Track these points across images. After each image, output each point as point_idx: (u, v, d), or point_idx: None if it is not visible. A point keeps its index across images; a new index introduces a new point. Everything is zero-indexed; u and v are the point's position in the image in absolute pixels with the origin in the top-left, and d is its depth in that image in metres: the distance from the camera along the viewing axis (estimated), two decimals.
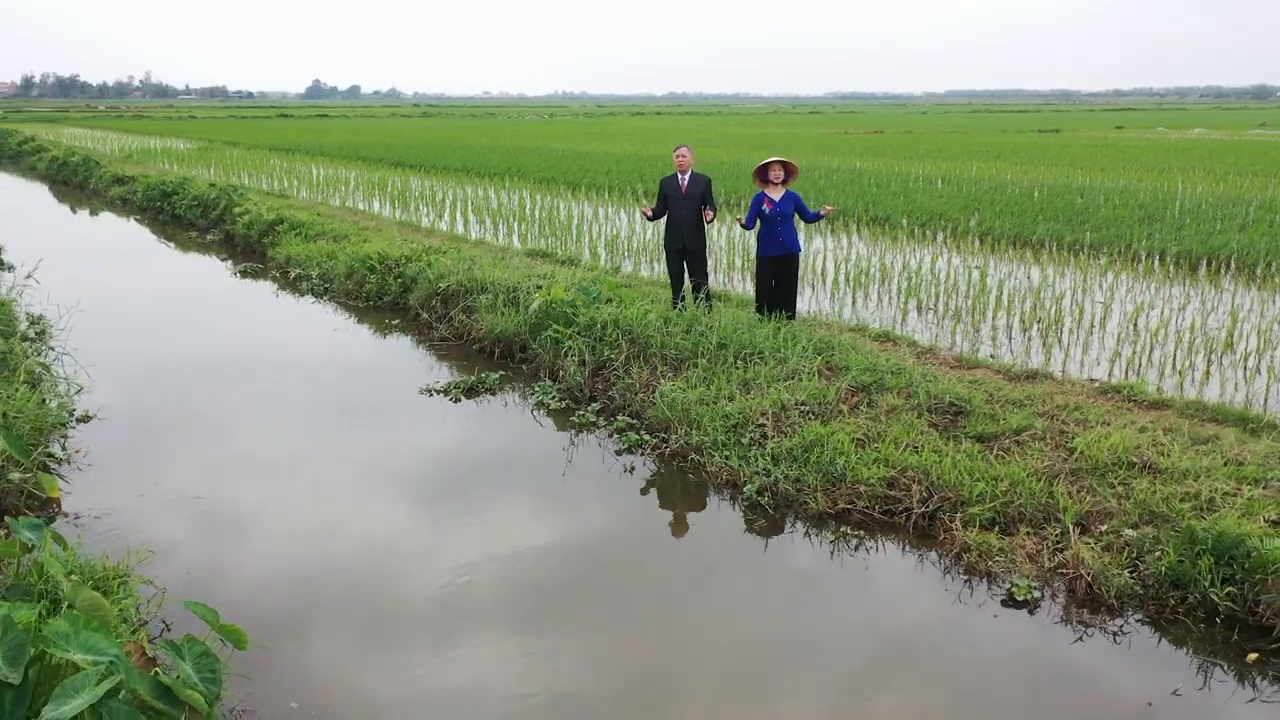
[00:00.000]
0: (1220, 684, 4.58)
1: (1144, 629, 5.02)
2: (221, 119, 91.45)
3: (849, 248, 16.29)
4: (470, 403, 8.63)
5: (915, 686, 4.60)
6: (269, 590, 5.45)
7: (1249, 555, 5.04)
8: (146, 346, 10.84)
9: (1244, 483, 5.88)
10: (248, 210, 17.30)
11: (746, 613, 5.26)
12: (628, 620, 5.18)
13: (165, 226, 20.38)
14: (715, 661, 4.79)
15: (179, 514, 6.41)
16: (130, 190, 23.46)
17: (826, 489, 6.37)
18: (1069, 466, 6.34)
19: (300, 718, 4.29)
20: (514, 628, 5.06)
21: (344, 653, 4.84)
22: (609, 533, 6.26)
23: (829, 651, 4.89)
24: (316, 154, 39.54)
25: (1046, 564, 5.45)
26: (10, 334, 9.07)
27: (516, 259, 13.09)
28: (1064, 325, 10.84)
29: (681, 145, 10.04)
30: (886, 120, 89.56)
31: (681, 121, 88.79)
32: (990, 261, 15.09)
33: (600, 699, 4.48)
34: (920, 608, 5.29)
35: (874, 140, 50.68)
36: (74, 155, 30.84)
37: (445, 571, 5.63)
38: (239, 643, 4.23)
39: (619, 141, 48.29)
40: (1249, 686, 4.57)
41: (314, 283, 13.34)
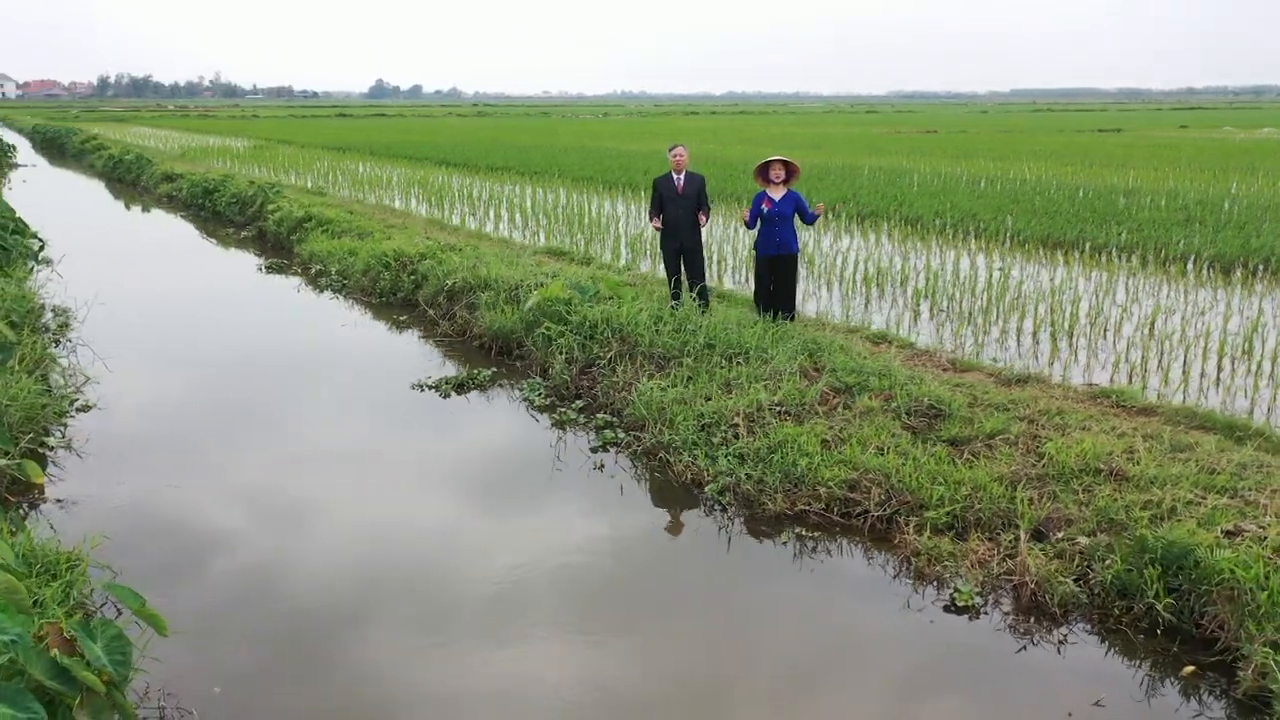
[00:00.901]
0: (1149, 697, 4.47)
1: (1083, 639, 4.91)
2: (283, 118, 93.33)
3: (875, 247, 16.12)
4: (459, 398, 8.72)
5: (832, 691, 4.56)
6: (217, 579, 5.58)
7: (1196, 566, 4.90)
8: (162, 338, 11.14)
9: (1211, 492, 5.71)
10: (280, 207, 17.67)
11: (673, 613, 5.24)
12: (544, 617, 5.19)
13: (206, 223, 20.89)
14: (625, 659, 4.79)
15: (153, 503, 6.59)
16: (176, 188, 24.10)
17: (787, 490, 6.33)
18: (1035, 472, 6.22)
19: (223, 702, 4.39)
20: (426, 617, 5.11)
21: (280, 640, 4.94)
22: (555, 528, 6.28)
23: (750, 655, 4.86)
24: (365, 153, 40.18)
25: (995, 570, 5.36)
26: (21, 324, 9.37)
27: (528, 257, 13.18)
28: (1076, 329, 10.61)
29: (677, 144, 10.04)
30: (944, 119, 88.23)
31: (733, 120, 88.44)
32: (1017, 263, 14.82)
33: (512, 693, 4.52)
34: (858, 611, 5.24)
35: (925, 140, 49.99)
36: (128, 154, 31.74)
37: (369, 562, 5.72)
38: (160, 628, 4.34)
39: (665, 141, 48.21)
40: (1178, 700, 4.44)
41: (332, 278, 13.59)
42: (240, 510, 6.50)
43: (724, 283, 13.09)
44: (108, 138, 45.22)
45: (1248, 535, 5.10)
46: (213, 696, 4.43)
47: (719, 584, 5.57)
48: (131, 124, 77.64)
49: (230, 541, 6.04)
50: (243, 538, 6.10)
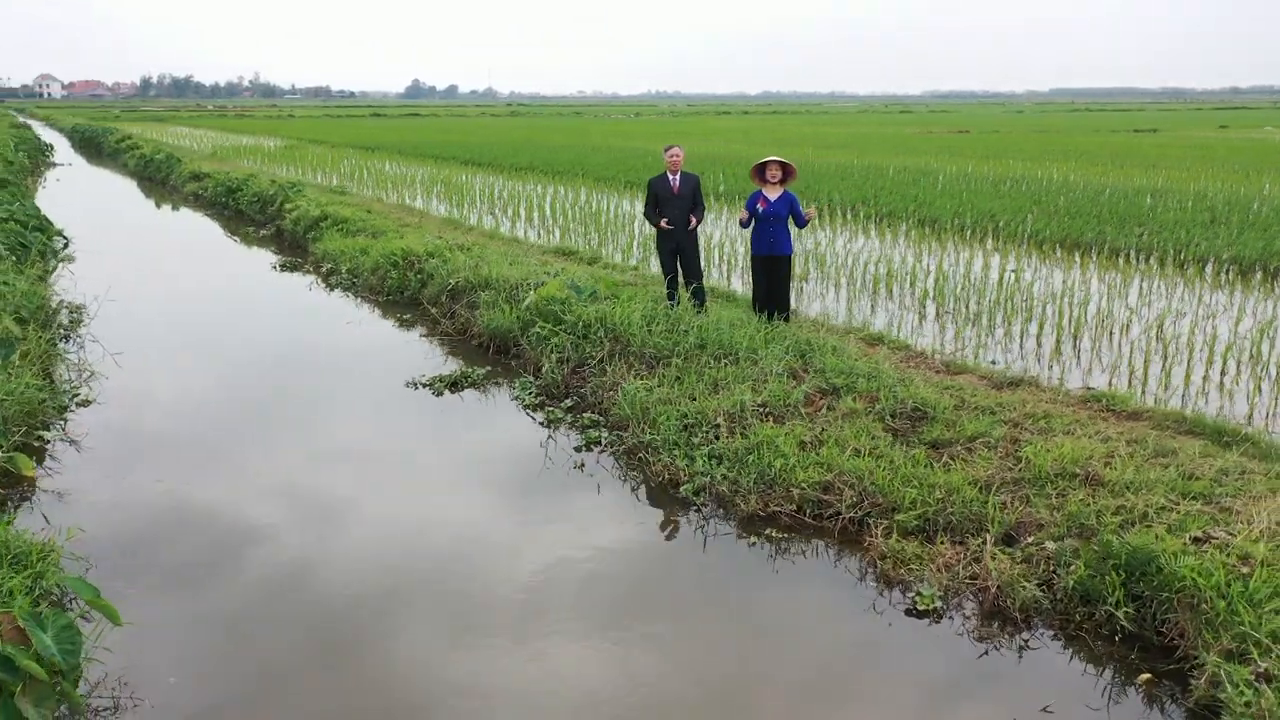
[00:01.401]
0: (1102, 705, 4.41)
1: (1043, 644, 4.86)
2: (318, 118, 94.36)
3: (889, 248, 16.03)
4: (452, 397, 8.79)
5: (777, 694, 4.55)
6: (195, 570, 5.67)
7: (1159, 572, 4.83)
8: (171, 335, 11.32)
9: (1186, 498, 5.63)
10: (297, 206, 17.88)
11: (627, 613, 5.24)
12: (486, 613, 5.21)
13: (230, 221, 21.19)
14: (577, 655, 4.81)
15: (143, 496, 6.71)
16: (203, 186, 24.45)
17: (761, 491, 6.32)
18: (1011, 476, 6.16)
19: (176, 692, 4.46)
20: (382, 607, 5.17)
21: (238, 633, 5.02)
22: (522, 525, 6.32)
23: (697, 657, 4.86)
24: (394, 152, 40.52)
25: (961, 574, 5.32)
26: (30, 320, 9.57)
27: (534, 256, 13.25)
28: (1082, 331, 10.49)
29: (673, 145, 10.04)
30: (978, 119, 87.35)
31: (765, 121, 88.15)
32: (1031, 264, 14.67)
33: (460, 684, 4.55)
34: (819, 614, 5.22)
35: (955, 140, 49.54)
36: (159, 153, 32.26)
37: (332, 553, 5.79)
38: (113, 618, 4.45)
39: (691, 140, 48.22)
40: (1132, 708, 4.39)
41: (343, 277, 13.74)
42: (224, 504, 6.59)
43: (731, 283, 13.06)
44: (142, 137, 45.97)
45: (1215, 542, 5.02)
46: (168, 687, 4.50)
47: (681, 585, 5.57)
48: (170, 123, 78.86)
49: (211, 534, 6.13)
50: (224, 530, 6.18)
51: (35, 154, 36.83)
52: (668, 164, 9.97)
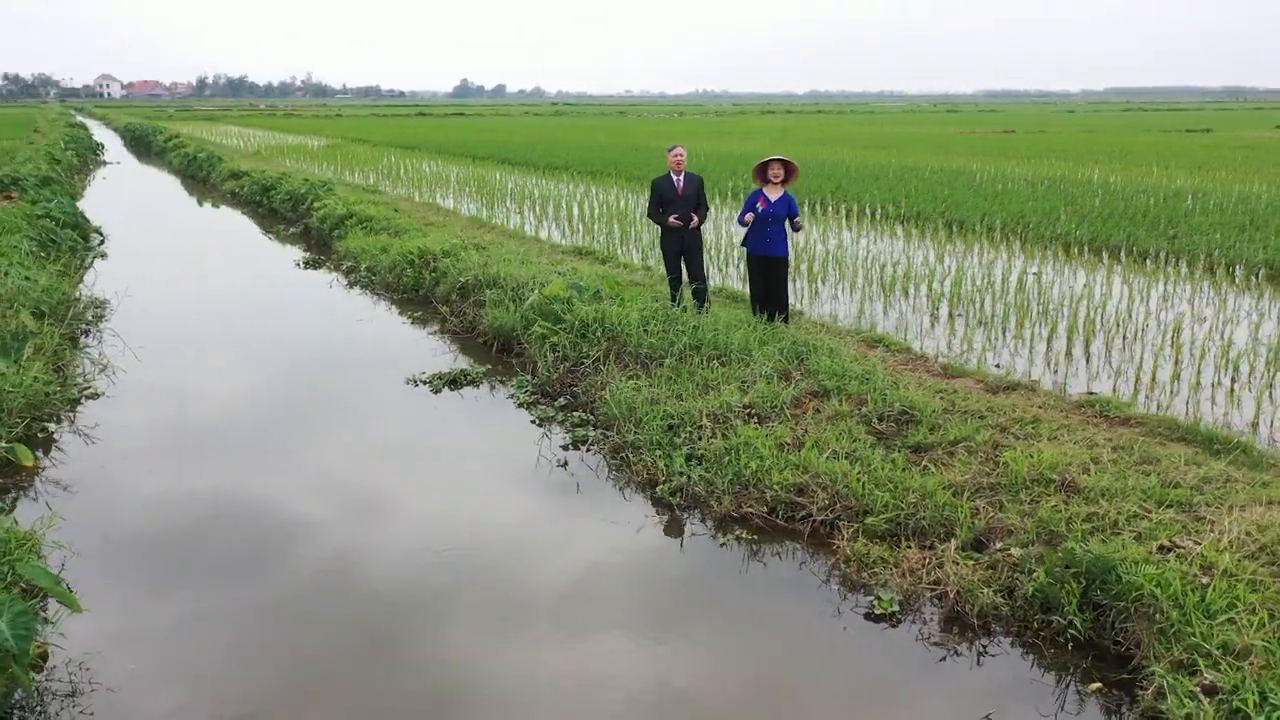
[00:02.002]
0: (1049, 712, 4.36)
1: (999, 651, 4.81)
2: (364, 117, 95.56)
3: (912, 250, 15.89)
4: (450, 394, 8.89)
5: (720, 695, 4.55)
6: (161, 561, 5.81)
7: (1118, 581, 4.76)
8: (188, 330, 11.57)
9: (1162, 506, 5.53)
10: (325, 205, 18.16)
11: (585, 611, 5.27)
12: (440, 604, 5.28)
13: (264, 219, 21.56)
14: (525, 651, 4.85)
15: (130, 488, 6.88)
16: (240, 185, 24.91)
17: (735, 492, 6.32)
18: (988, 481, 6.10)
19: (134, 680, 4.58)
20: (339, 595, 5.25)
21: (204, 619, 5.14)
22: (495, 521, 6.38)
23: (646, 657, 4.87)
24: (432, 151, 40.94)
25: (925, 579, 5.28)
26: (49, 314, 9.84)
27: (546, 256, 13.33)
28: (1094, 335, 10.33)
29: (677, 145, 10.03)
30: (1026, 119, 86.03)
31: (807, 120, 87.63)
32: (1056, 267, 14.47)
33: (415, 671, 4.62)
34: (775, 616, 5.21)
35: (998, 140, 48.86)
36: (201, 152, 32.91)
37: (298, 544, 5.89)
38: (72, 606, 4.58)
39: (730, 140, 48.15)
40: (1077, 717, 4.33)
41: (361, 274, 13.94)
42: (213, 495, 6.73)
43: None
44: (190, 136, 46.93)
45: (1181, 551, 4.93)
46: (126, 672, 4.63)
47: (641, 585, 5.58)
48: (221, 123, 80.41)
49: (195, 524, 6.27)
50: (208, 521, 6.31)
51: (85, 153, 37.75)
52: (671, 164, 9.97)
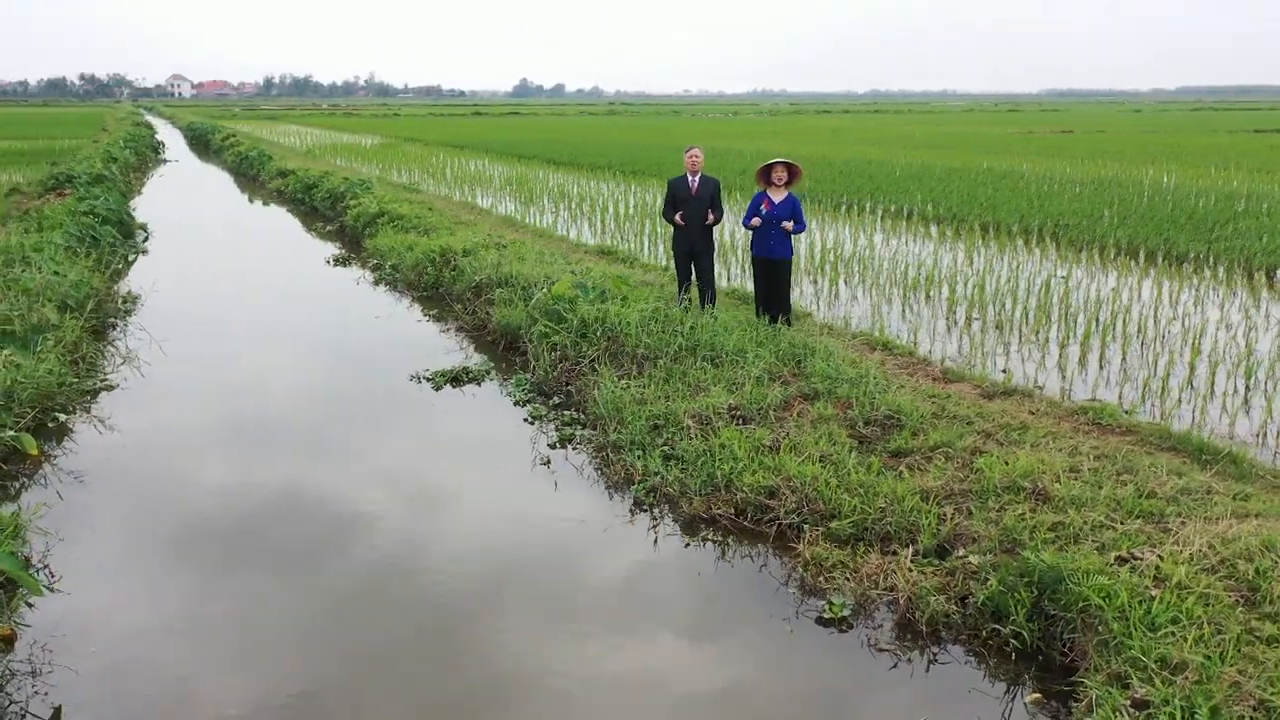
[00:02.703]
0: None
1: (948, 659, 4.76)
2: (421, 116, 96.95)
3: (942, 251, 15.70)
4: (451, 391, 9.02)
5: (661, 696, 4.58)
6: (138, 547, 6.00)
7: (1068, 591, 4.69)
8: (209, 325, 11.87)
9: (1132, 516, 5.43)
10: (359, 203, 18.48)
11: (540, 608, 5.33)
12: (420, 607, 5.37)
13: (306, 216, 21.99)
14: (452, 649, 4.92)
15: (129, 476, 7.11)
16: (286, 183, 25.45)
17: (707, 494, 6.33)
18: (960, 487, 6.03)
19: (95, 660, 4.75)
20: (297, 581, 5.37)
21: (167, 599, 5.30)
22: (461, 515, 6.48)
23: (593, 656, 4.91)
24: (481, 150, 41.37)
25: (881, 584, 5.25)
26: (74, 308, 10.18)
27: (571, 255, 13.42)
28: (1109, 340, 10.12)
29: (693, 146, 10.05)
30: (1088, 119, 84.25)
31: (861, 120, 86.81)
32: (1089, 270, 14.19)
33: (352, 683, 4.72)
34: (728, 618, 5.21)
35: (1054, 141, 47.92)
36: (253, 151, 33.66)
37: (270, 531, 6.03)
38: (34, 589, 4.76)
39: (779, 140, 47.89)
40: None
41: (386, 272, 14.17)
42: (204, 482, 6.92)
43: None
44: (245, 134, 48.03)
45: (1137, 563, 4.84)
46: (88, 653, 4.80)
47: (599, 584, 5.61)
48: (282, 122, 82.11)
49: (186, 511, 6.45)
50: (193, 507, 6.49)
51: (145, 151, 38.81)
52: (687, 165, 10.00)
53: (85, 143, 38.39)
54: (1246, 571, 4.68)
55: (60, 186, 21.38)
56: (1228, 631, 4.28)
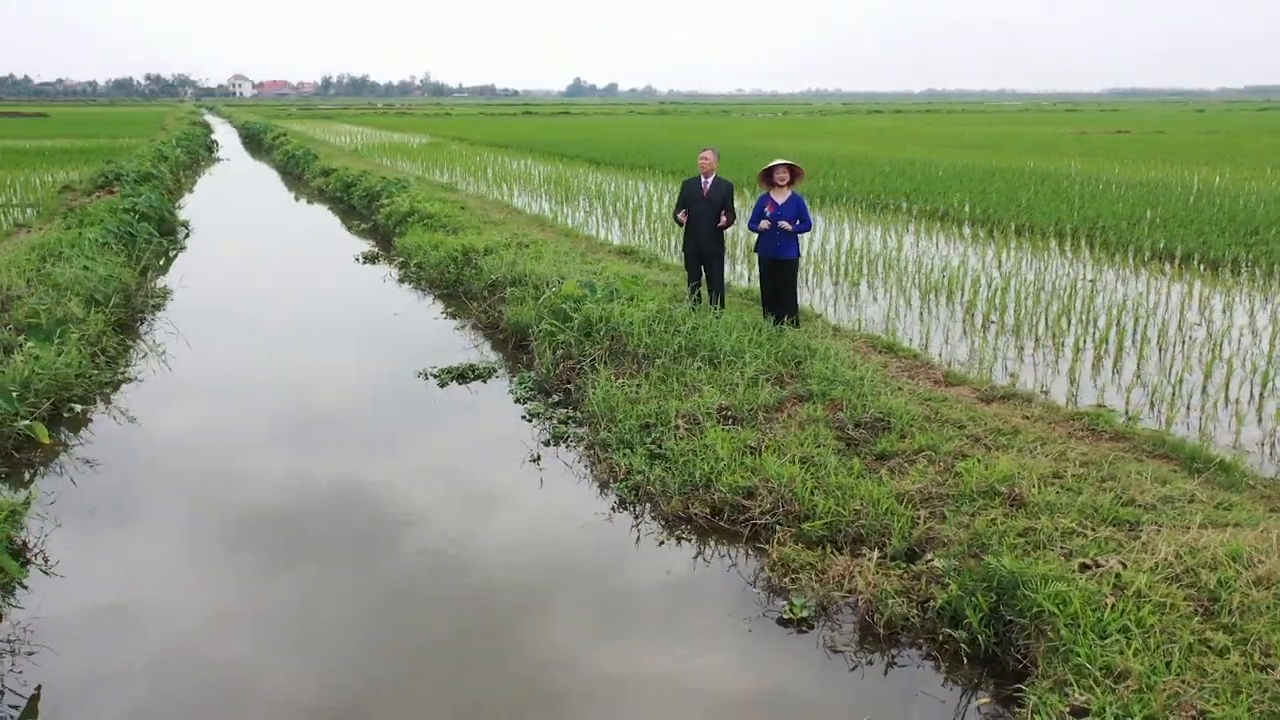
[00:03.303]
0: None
1: (904, 662, 4.75)
2: (472, 116, 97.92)
3: (969, 254, 15.53)
4: (456, 388, 9.15)
5: (613, 690, 4.63)
6: (134, 532, 6.20)
7: (1023, 597, 4.65)
8: (233, 320, 12.17)
9: (1105, 524, 5.36)
10: (392, 202, 18.77)
11: (492, 602, 5.40)
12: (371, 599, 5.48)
13: (345, 215, 22.37)
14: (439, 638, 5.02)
15: (136, 464, 7.34)
16: (327, 182, 25.92)
17: (686, 493, 6.37)
18: (938, 491, 6.00)
19: (76, 642, 4.93)
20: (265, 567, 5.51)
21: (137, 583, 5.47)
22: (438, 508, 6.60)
23: (542, 651, 4.97)
24: (525, 150, 41.67)
25: (845, 586, 5.25)
26: (99, 302, 10.50)
27: (587, 255, 13.51)
28: (1128, 345, 9.97)
29: (706, 148, 10.07)
30: (1147, 119, 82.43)
31: (910, 121, 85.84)
32: (1120, 273, 13.94)
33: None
34: (689, 616, 5.25)
35: (1108, 141, 46.97)
36: (299, 150, 34.30)
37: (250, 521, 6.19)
38: (14, 572, 4.96)
39: (823, 140, 47.58)
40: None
41: (411, 270, 14.40)
42: (202, 472, 7.12)
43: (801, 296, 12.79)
44: (294, 133, 48.91)
45: (1101, 570, 4.79)
46: (70, 626, 4.99)
47: (561, 580, 5.66)
48: (337, 121, 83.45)
49: (184, 498, 6.65)
50: (188, 493, 6.70)
51: (198, 150, 39.71)
52: (700, 167, 10.03)
53: (143, 141, 39.40)
54: (1209, 581, 4.61)
55: (109, 184, 22.00)
56: (1180, 641, 4.23)
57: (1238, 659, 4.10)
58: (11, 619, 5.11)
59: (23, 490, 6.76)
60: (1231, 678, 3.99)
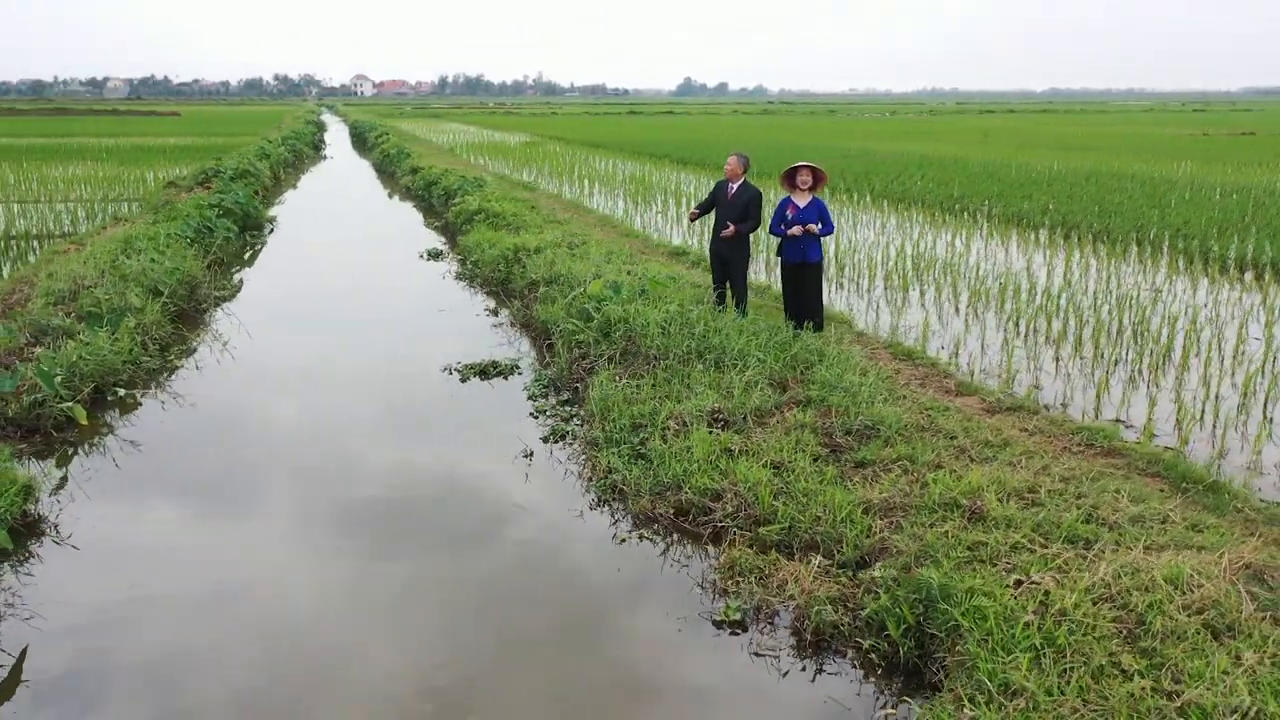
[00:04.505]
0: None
1: (827, 668, 4.76)
2: (577, 115, 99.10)
3: (1034, 260, 15.11)
4: (476, 383, 9.42)
5: (522, 680, 4.77)
6: (156, 508, 6.63)
7: (943, 610, 4.61)
8: (289, 312, 12.75)
9: (1059, 540, 5.24)
10: (463, 201, 19.27)
11: (451, 593, 5.60)
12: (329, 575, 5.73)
13: (426, 213, 23.03)
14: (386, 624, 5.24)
15: (167, 444, 7.82)
16: (414, 180, 26.73)
17: (656, 494, 6.46)
18: (902, 500, 5.95)
19: (67, 610, 5.34)
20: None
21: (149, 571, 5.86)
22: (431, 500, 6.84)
23: (481, 639, 5.14)
24: (617, 149, 42.04)
25: (785, 592, 5.27)
26: (159, 293, 11.15)
27: (634, 255, 13.66)
28: (1168, 359, 9.61)
29: (731, 154, 10.13)
30: (1278, 120, 77.85)
31: (1023, 121, 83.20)
32: (1191, 284, 13.37)
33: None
34: (624, 614, 5.35)
35: (1228, 143, 44.68)
36: (394, 148, 35.38)
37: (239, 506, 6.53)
38: (2, 541, 5.38)
39: (921, 141, 46.60)
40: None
41: (468, 268, 14.80)
42: (225, 453, 7.54)
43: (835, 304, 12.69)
44: (403, 132, 50.44)
45: (1032, 587, 4.70)
46: (54, 603, 5.40)
47: (511, 575, 5.80)
48: (444, 120, 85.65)
49: (203, 477, 7.08)
50: (213, 473, 7.11)
51: (303, 148, 41.34)
52: (725, 172, 10.13)
53: (256, 139, 41.28)
54: (1139, 603, 4.48)
55: (208, 180, 23.19)
56: (1092, 662, 4.14)
57: (1145, 683, 4.00)
58: (16, 583, 5.54)
59: (47, 465, 7.29)
60: (1132, 701, 3.90)
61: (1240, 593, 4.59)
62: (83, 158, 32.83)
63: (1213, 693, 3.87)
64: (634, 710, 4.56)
